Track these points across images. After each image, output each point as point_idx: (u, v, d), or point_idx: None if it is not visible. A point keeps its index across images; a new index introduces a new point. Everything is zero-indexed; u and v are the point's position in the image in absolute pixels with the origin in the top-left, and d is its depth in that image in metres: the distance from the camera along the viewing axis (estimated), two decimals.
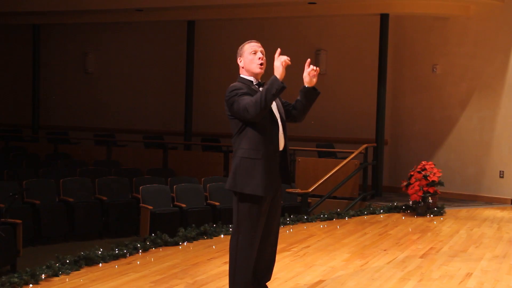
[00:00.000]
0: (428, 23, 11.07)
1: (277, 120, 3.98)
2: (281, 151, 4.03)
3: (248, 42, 4.03)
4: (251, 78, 4.00)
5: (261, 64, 3.97)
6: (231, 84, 3.99)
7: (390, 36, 10.65)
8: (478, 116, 10.62)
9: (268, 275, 4.20)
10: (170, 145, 12.58)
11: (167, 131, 13.61)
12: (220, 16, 12.12)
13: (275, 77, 3.75)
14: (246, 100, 3.81)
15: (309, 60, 4.03)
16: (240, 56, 4.01)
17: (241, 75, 4.03)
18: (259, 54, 3.98)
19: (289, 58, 3.79)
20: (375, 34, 10.75)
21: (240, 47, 4.04)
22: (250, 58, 3.97)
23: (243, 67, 4.01)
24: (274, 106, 4.01)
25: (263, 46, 4.05)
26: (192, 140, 12.62)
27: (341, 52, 12.00)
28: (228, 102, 3.91)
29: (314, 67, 3.97)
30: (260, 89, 3.98)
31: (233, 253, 3.96)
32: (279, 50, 3.79)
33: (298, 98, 4.10)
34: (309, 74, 3.97)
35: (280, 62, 3.76)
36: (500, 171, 10.33)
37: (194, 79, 12.59)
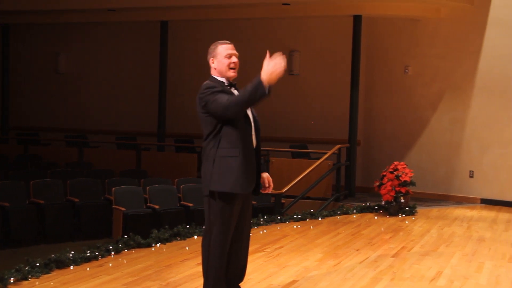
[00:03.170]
0: (400, 25, 11.20)
1: (250, 119, 3.99)
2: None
3: (221, 44, 3.99)
4: (223, 79, 3.98)
5: (234, 69, 3.96)
6: (204, 83, 3.96)
7: (363, 37, 10.74)
8: (449, 117, 10.78)
9: (242, 276, 4.20)
10: (143, 146, 12.49)
11: (140, 132, 13.51)
12: (193, 16, 12.08)
13: (261, 81, 3.59)
14: (225, 98, 3.77)
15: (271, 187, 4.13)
16: (213, 57, 3.98)
17: (212, 75, 4.01)
18: (234, 59, 3.96)
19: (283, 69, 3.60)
20: (348, 36, 10.84)
21: (213, 46, 4.00)
22: (223, 62, 3.94)
23: (215, 69, 3.99)
24: None
25: (237, 47, 4.03)
26: (166, 141, 12.54)
27: (315, 53, 12.07)
28: (202, 100, 3.87)
29: (271, 189, 4.13)
30: (232, 89, 3.97)
31: (206, 254, 3.96)
32: (280, 54, 3.60)
33: None
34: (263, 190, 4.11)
35: (275, 66, 3.56)
36: (470, 171, 10.50)
37: (168, 80, 12.51)
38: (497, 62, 10.22)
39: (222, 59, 3.95)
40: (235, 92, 3.98)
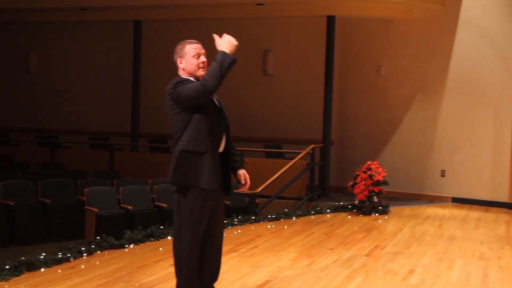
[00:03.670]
0: (373, 26, 11.31)
1: (219, 112, 3.97)
2: (221, 152, 3.99)
3: (189, 43, 3.97)
4: (191, 78, 3.97)
5: (203, 68, 3.94)
6: (174, 79, 3.94)
7: (336, 38, 10.81)
8: (421, 117, 10.92)
9: (216, 276, 4.20)
10: (116, 146, 12.36)
11: (113, 132, 13.37)
12: (167, 16, 12.01)
13: (224, 52, 3.76)
14: (196, 82, 3.80)
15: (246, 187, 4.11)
16: (181, 58, 3.95)
17: (180, 76, 3.98)
18: (202, 58, 3.95)
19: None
20: (322, 36, 10.90)
21: (180, 46, 3.97)
22: (192, 62, 3.92)
23: (183, 69, 3.96)
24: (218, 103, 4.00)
25: (211, 47, 4.02)
26: (139, 141, 12.44)
27: (289, 53, 12.11)
28: (173, 94, 3.84)
29: (247, 186, 4.10)
30: None
31: (177, 257, 3.94)
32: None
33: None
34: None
35: (229, 39, 3.81)
36: (441, 171, 10.65)
37: (141, 80, 12.41)
38: (467, 63, 10.39)
39: (190, 58, 3.93)
40: None
